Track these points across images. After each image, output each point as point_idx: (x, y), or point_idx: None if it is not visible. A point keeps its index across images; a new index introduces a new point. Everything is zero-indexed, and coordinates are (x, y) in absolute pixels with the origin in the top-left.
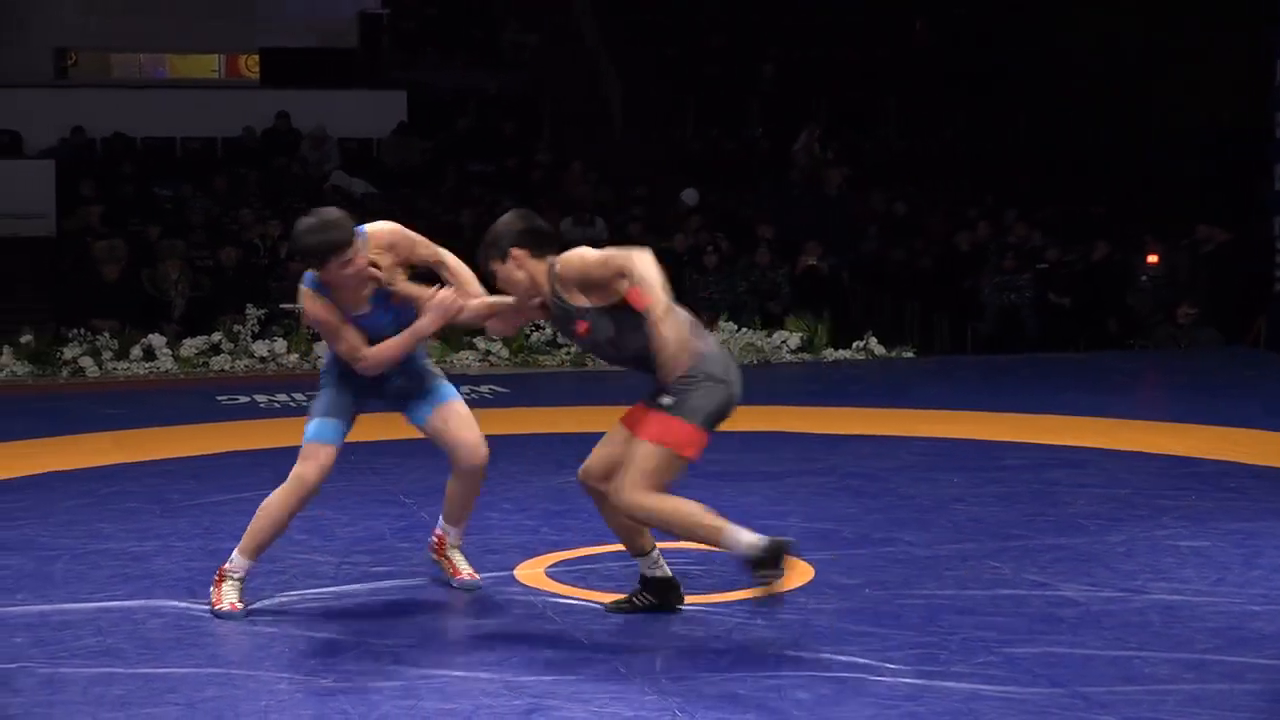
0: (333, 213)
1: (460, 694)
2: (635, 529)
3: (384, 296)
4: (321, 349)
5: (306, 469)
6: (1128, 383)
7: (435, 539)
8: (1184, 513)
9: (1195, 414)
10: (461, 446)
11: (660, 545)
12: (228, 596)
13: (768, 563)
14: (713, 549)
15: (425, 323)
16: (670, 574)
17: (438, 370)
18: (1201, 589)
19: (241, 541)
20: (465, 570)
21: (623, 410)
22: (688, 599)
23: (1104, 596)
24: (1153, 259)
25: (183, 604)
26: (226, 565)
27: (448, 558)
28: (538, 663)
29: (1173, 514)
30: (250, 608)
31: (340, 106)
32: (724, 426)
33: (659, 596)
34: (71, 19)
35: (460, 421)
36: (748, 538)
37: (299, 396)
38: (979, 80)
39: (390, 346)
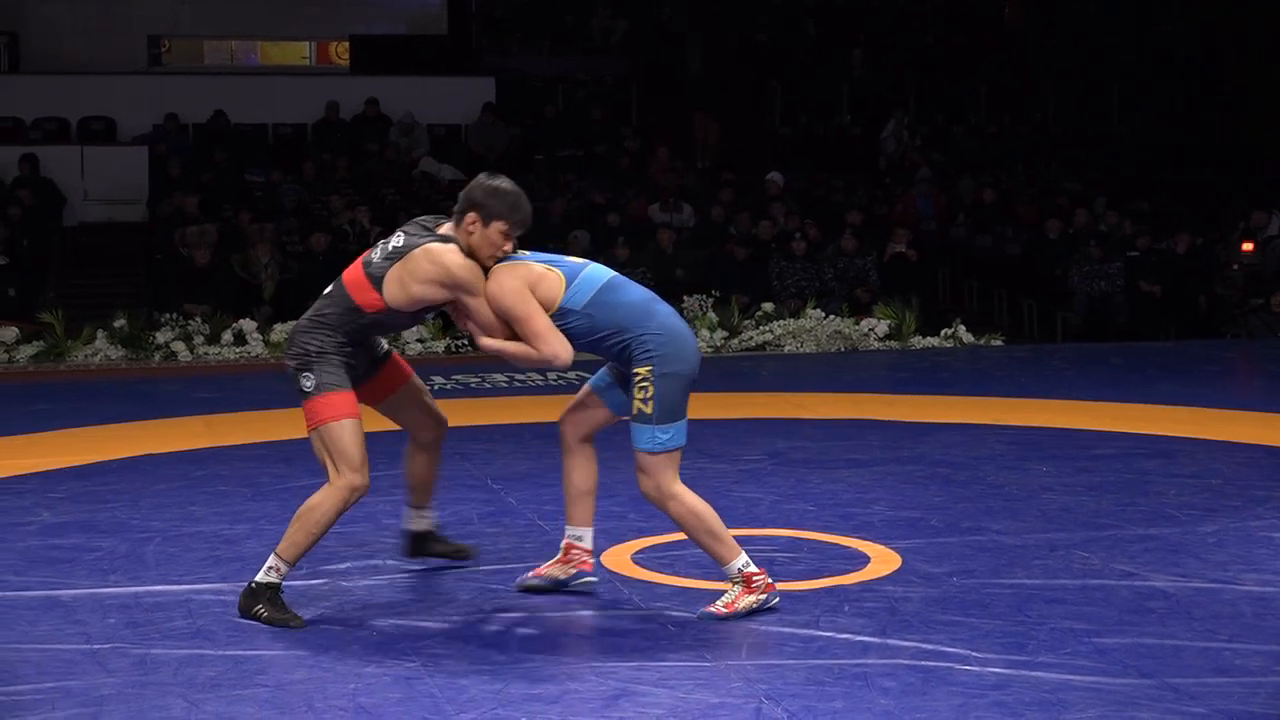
0: None
1: (546, 679)
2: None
3: None
4: (409, 333)
5: None
6: (1219, 372)
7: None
8: (1277, 503)
9: None
10: None
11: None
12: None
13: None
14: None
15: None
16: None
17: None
18: None
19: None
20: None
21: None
22: (776, 586)
23: (1194, 587)
24: (1248, 247)
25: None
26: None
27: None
28: (623, 648)
29: (1265, 505)
30: (339, 584)
31: (429, 93)
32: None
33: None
34: (165, 8)
35: None
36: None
37: None
38: (1070, 65)
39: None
